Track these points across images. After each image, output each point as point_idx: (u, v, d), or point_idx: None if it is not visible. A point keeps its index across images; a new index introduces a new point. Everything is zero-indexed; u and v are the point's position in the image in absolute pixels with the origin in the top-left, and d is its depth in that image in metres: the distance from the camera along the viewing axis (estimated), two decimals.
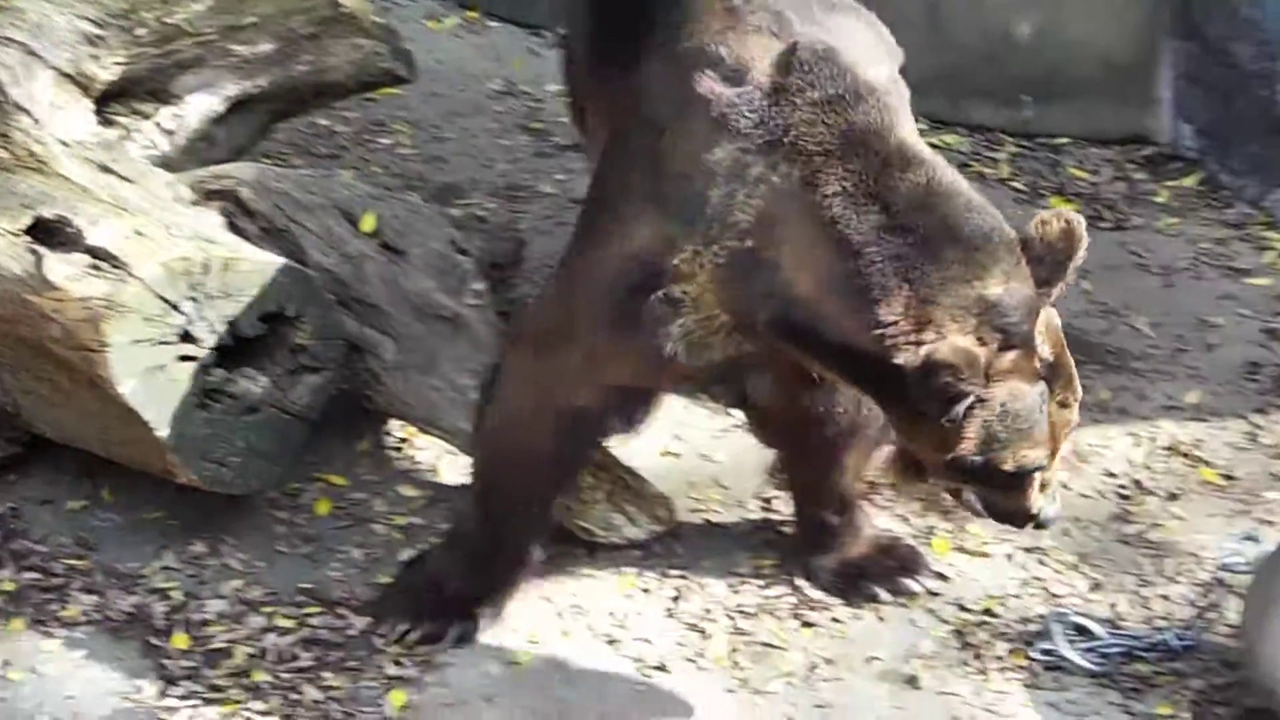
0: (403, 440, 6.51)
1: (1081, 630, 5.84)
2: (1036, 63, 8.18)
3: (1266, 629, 5.44)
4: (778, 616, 5.95)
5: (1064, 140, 8.22)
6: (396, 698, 5.62)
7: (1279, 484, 6.49)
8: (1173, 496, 6.37)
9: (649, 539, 6.13)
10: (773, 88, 5.22)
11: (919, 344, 5.03)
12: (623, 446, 6.32)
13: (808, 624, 5.93)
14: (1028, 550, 6.18)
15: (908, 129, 5.30)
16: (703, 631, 5.89)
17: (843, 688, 5.75)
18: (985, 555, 6.16)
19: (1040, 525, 5.44)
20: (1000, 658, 5.83)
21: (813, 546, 6.08)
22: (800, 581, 6.05)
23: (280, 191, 6.45)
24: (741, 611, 5.97)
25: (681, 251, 5.24)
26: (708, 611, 5.96)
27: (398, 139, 8.20)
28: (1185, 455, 6.58)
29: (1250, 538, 5.82)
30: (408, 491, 6.34)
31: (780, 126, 5.20)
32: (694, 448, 6.54)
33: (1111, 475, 6.49)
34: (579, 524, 6.08)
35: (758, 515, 6.30)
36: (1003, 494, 5.35)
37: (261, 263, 6.02)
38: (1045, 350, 5.17)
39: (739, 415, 6.41)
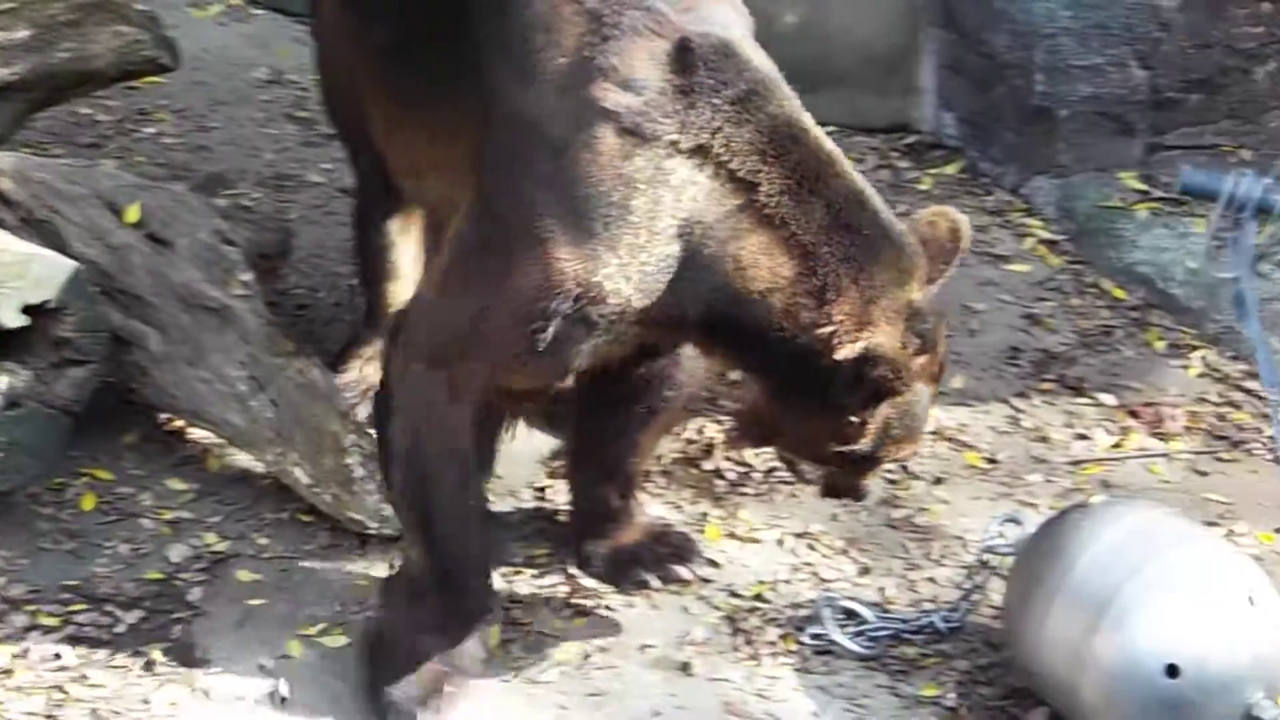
0: (170, 433, 6.42)
1: (850, 614, 5.91)
2: (800, 53, 8.22)
3: (1027, 610, 5.55)
4: (551, 606, 5.96)
5: (829, 129, 8.20)
6: None
7: (1040, 466, 6.62)
8: (938, 480, 6.47)
9: None
10: (682, 89, 5.21)
11: (856, 342, 5.19)
12: None
13: (581, 613, 5.95)
14: (798, 535, 6.25)
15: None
16: None
17: (616, 676, 5.77)
18: (756, 541, 6.22)
19: (859, 498, 5.79)
20: (772, 643, 5.88)
21: (588, 533, 6.09)
22: (573, 570, 6.06)
23: (41, 181, 6.33)
24: (515, 601, 5.96)
25: (606, 266, 5.21)
26: None
27: (162, 128, 8.09)
28: (950, 440, 6.70)
29: (1012, 520, 5.92)
30: (176, 485, 6.26)
31: (703, 128, 5.22)
32: None
33: None
34: (351, 516, 6.04)
35: (531, 504, 6.30)
36: (853, 476, 5.59)
37: (22, 254, 5.90)
38: (941, 350, 5.41)
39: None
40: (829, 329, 5.22)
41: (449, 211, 5.58)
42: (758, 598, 6.01)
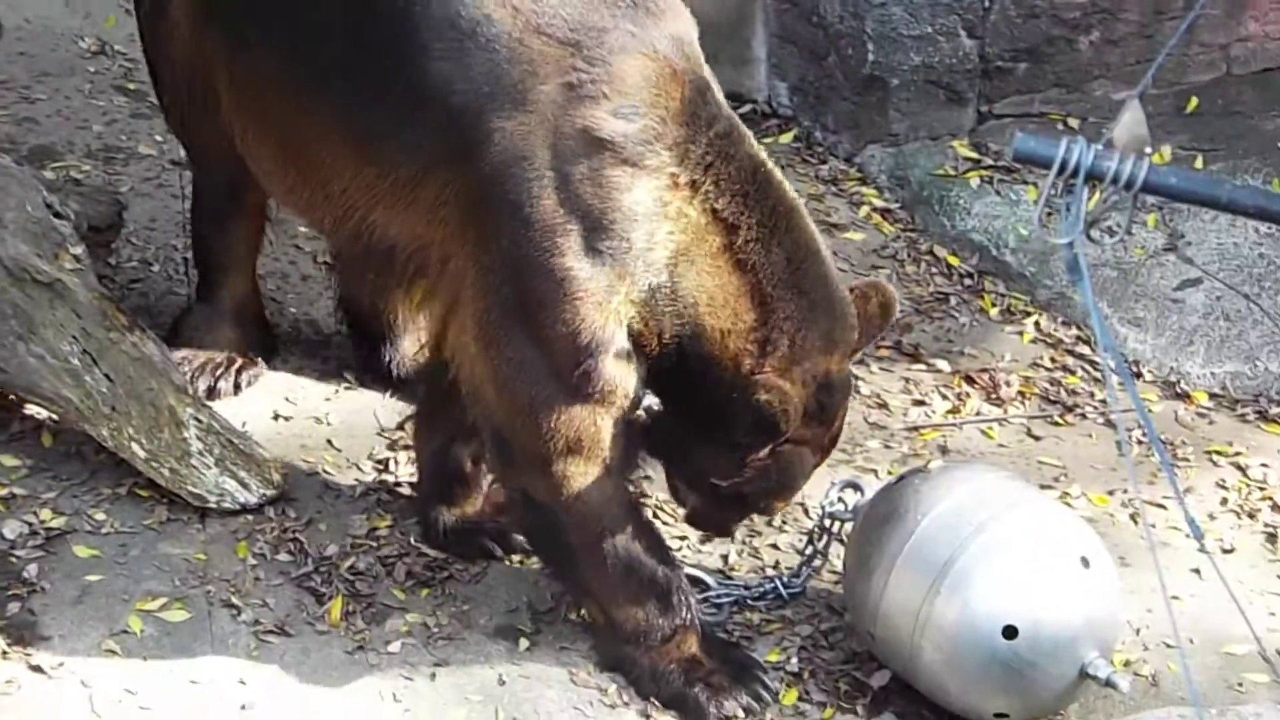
0: (2, 409, 6.31)
1: (695, 581, 5.94)
2: None
3: (867, 575, 5.61)
4: (394, 577, 5.94)
5: None
6: None
7: (878, 433, 6.69)
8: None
9: (262, 503, 6.06)
10: (681, 121, 5.23)
11: (774, 395, 5.33)
12: (232, 411, 6.26)
13: (424, 584, 5.93)
14: (641, 504, 6.25)
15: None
16: (320, 595, 5.85)
17: (460, 646, 5.77)
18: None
19: (726, 535, 6.00)
20: None
21: (435, 500, 6.09)
22: (416, 542, 6.04)
23: None
24: (358, 573, 5.94)
25: (617, 295, 5.25)
26: (324, 574, 5.92)
27: None
28: None
29: (852, 485, 5.98)
30: (9, 461, 6.16)
31: (698, 163, 5.26)
32: (306, 410, 6.48)
33: None
34: (190, 490, 5.98)
35: (372, 477, 6.27)
36: (724, 512, 5.78)
37: None
38: (837, 427, 5.58)
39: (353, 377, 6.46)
40: (758, 377, 5.36)
41: (366, 238, 5.57)
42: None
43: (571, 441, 5.39)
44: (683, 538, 6.16)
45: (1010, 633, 5.41)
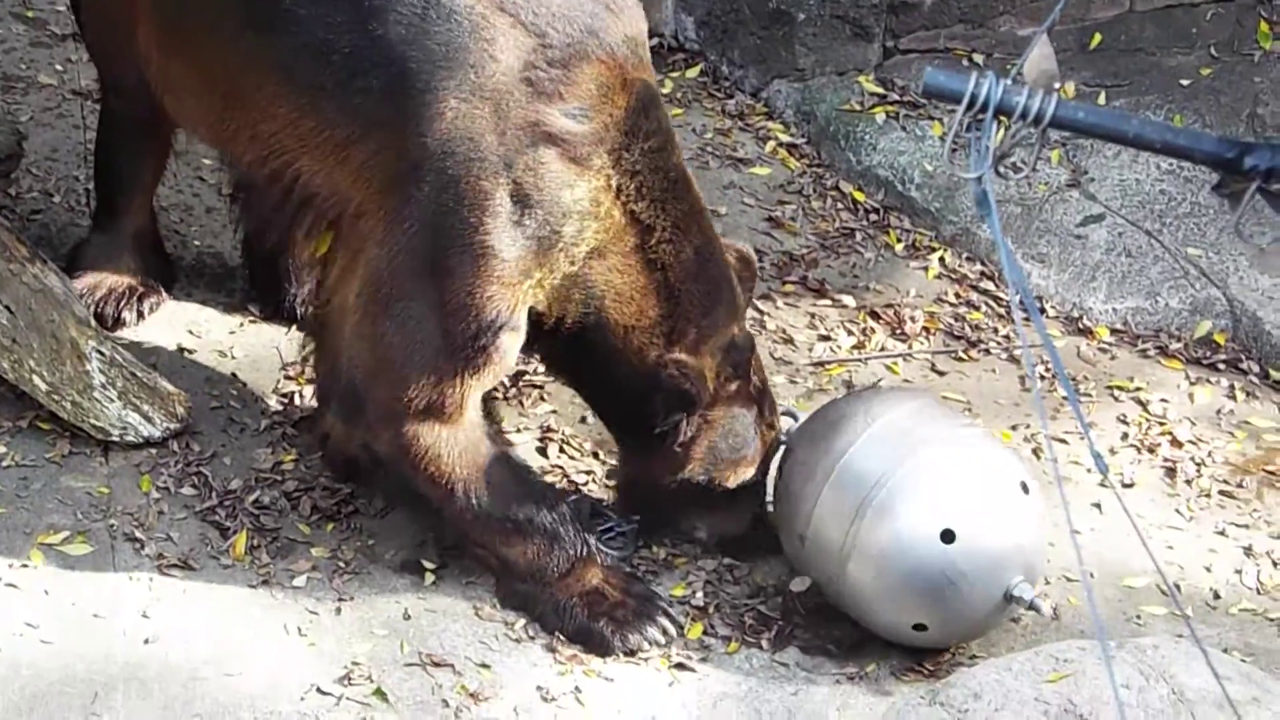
0: None
1: (597, 514, 5.95)
2: None
3: (803, 480, 5.67)
4: (300, 512, 5.93)
5: None
6: None
7: (784, 368, 6.69)
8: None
9: (166, 437, 6.02)
10: (623, 129, 5.41)
11: (679, 374, 5.57)
12: (136, 343, 6.21)
13: (329, 519, 5.92)
14: (546, 438, 6.27)
15: None
16: (224, 529, 5.83)
17: (365, 581, 5.77)
18: (509, 445, 6.22)
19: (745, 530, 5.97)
20: None
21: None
22: (322, 476, 6.02)
23: None
24: (262, 507, 5.92)
25: (530, 279, 5.40)
26: (228, 508, 5.89)
27: None
28: None
29: (788, 414, 6.01)
30: None
31: (628, 169, 5.43)
32: (210, 344, 6.43)
33: None
34: (94, 424, 5.94)
35: (277, 411, 6.24)
36: (724, 515, 5.86)
37: None
38: (756, 379, 5.78)
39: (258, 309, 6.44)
40: (664, 367, 5.58)
41: (288, 183, 5.61)
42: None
43: (431, 404, 5.49)
44: (588, 472, 6.17)
45: (948, 537, 5.47)
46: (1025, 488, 5.55)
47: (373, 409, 5.59)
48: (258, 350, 6.39)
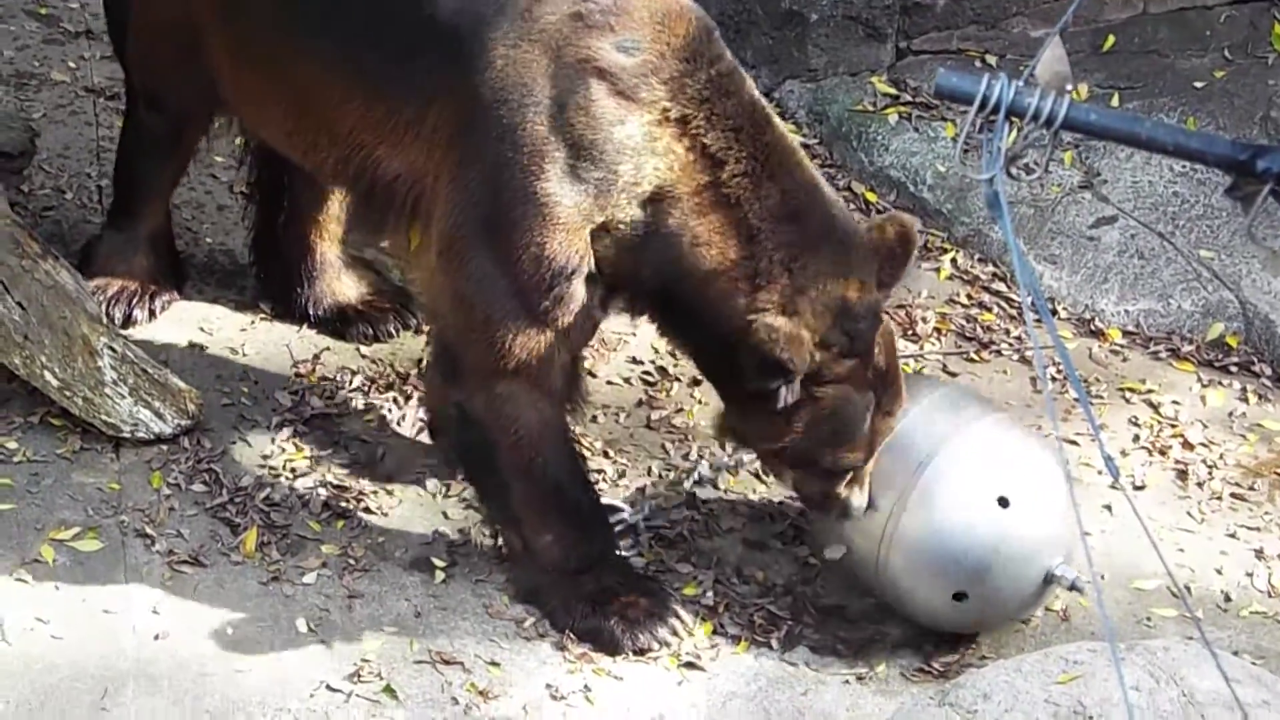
0: None
1: (610, 509, 5.94)
2: None
3: None
4: (309, 508, 5.93)
5: None
6: None
7: None
8: (695, 382, 6.50)
9: (177, 433, 6.03)
10: (681, 57, 5.25)
11: (773, 327, 5.23)
12: (148, 340, 6.22)
13: (340, 516, 5.93)
14: None
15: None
16: (235, 525, 5.83)
17: (375, 578, 5.77)
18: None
19: (845, 514, 5.66)
20: None
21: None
22: (330, 475, 6.03)
23: None
24: (273, 504, 5.92)
25: (593, 224, 5.29)
26: (239, 505, 5.89)
27: None
28: None
29: None
30: None
31: (692, 99, 5.26)
32: (221, 341, 6.44)
33: (637, 362, 6.61)
34: (105, 420, 5.94)
35: (288, 408, 6.23)
36: (818, 482, 5.59)
37: None
38: (880, 360, 5.42)
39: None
40: (752, 314, 5.29)
41: (369, 175, 5.58)
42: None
43: (521, 362, 5.41)
44: (599, 471, 6.17)
45: (1004, 503, 5.56)
46: (1068, 476, 5.61)
47: (468, 370, 5.53)
48: (269, 348, 6.40)
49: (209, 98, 6.07)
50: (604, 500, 5.91)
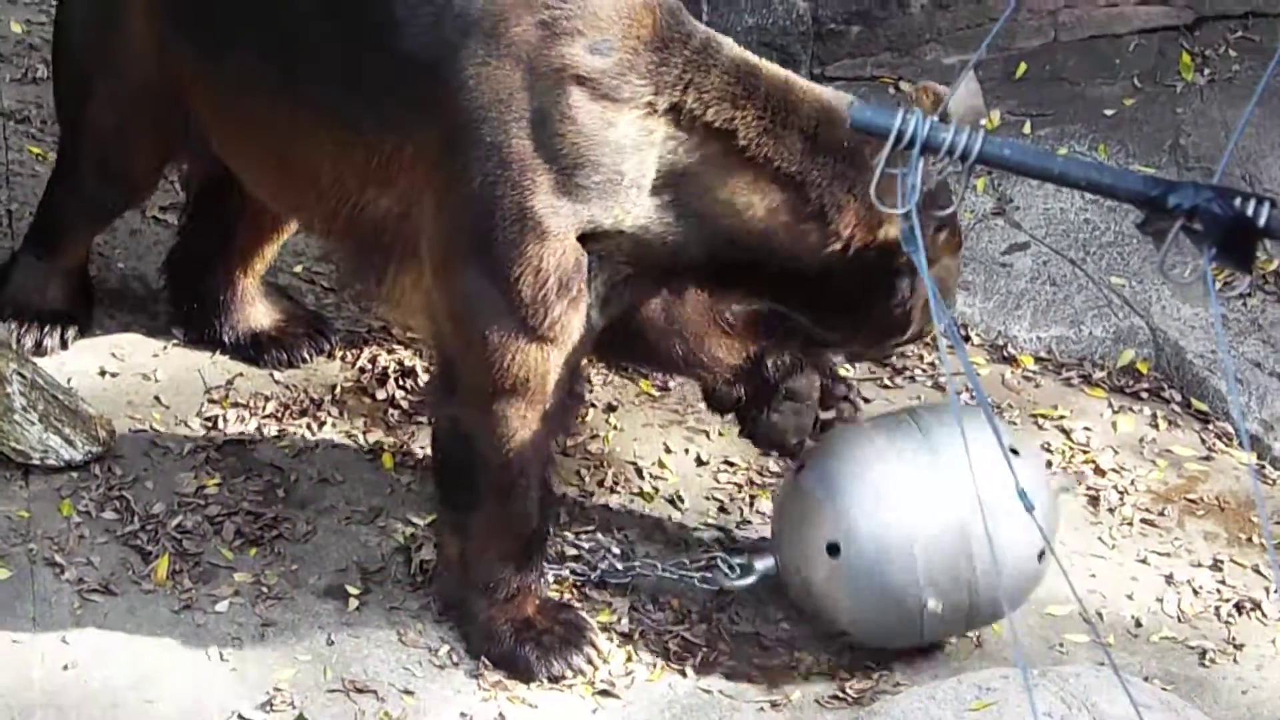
0: None
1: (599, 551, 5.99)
2: None
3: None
4: (223, 537, 5.89)
5: None
6: None
7: None
8: (611, 408, 6.52)
9: (88, 460, 5.98)
10: (653, 47, 5.24)
11: (874, 243, 5.37)
12: (58, 366, 6.17)
13: (252, 543, 5.89)
14: None
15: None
16: (146, 553, 5.79)
17: (288, 606, 5.74)
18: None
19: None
20: None
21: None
22: (246, 503, 5.99)
23: None
24: (185, 532, 5.89)
25: (601, 227, 5.27)
26: (150, 533, 5.85)
27: None
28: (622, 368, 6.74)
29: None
30: None
31: (674, 85, 5.26)
32: (133, 367, 6.39)
33: None
34: (14, 447, 5.89)
35: (200, 435, 6.20)
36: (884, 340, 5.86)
37: None
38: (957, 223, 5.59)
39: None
40: (841, 243, 5.39)
41: (358, 224, 5.55)
42: (433, 525, 6.00)
43: (518, 381, 5.40)
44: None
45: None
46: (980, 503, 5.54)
47: (466, 386, 5.50)
48: (181, 374, 6.36)
49: (181, 159, 6.14)
50: (570, 548, 5.97)
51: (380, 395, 6.44)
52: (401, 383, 6.48)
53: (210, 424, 6.24)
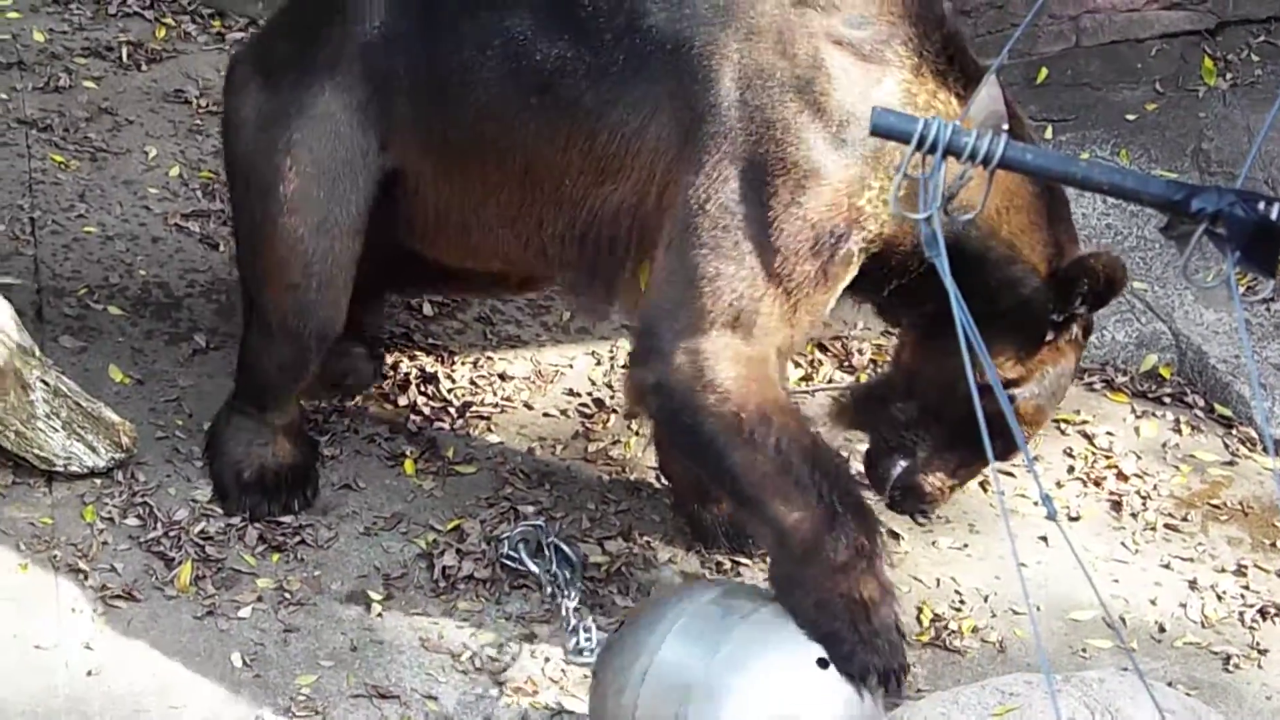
0: None
1: (537, 547, 5.95)
2: None
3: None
4: (245, 542, 5.90)
5: None
6: None
7: None
8: (632, 414, 6.51)
9: (111, 467, 5.99)
10: (908, 24, 5.26)
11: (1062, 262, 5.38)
12: (79, 373, 6.19)
13: (276, 549, 5.90)
14: (494, 469, 6.26)
15: None
16: (169, 559, 5.80)
17: (311, 611, 5.75)
18: (455, 474, 6.21)
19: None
20: (468, 577, 5.90)
21: (695, 499, 6.14)
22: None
23: None
24: (208, 538, 5.89)
25: (869, 189, 5.20)
26: (173, 539, 5.86)
27: None
28: None
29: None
30: None
31: (940, 57, 5.28)
32: (155, 373, 6.40)
33: (574, 394, 6.62)
34: (37, 454, 5.90)
35: None
36: (954, 458, 5.68)
37: None
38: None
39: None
40: (1046, 250, 5.42)
41: (595, 228, 5.50)
42: (454, 531, 6.01)
43: (743, 316, 5.19)
44: (537, 503, 6.16)
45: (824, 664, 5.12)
46: (823, 663, 5.15)
47: (669, 333, 5.25)
48: (203, 381, 6.37)
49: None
50: (530, 530, 5.93)
51: (402, 402, 6.45)
52: (423, 389, 6.49)
53: None
